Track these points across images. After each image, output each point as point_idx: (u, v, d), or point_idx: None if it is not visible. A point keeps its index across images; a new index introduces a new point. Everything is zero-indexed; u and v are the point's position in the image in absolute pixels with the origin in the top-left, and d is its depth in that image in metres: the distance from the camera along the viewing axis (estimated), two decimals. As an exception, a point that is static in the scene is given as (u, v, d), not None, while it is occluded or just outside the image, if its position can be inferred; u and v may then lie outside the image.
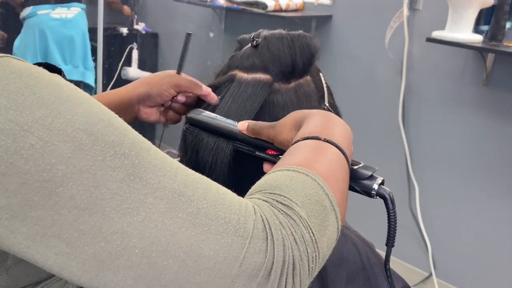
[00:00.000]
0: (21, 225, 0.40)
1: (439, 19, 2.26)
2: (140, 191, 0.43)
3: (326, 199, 0.50)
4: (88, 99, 0.45)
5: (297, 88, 0.73)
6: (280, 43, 0.73)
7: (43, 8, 2.95)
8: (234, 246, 0.44)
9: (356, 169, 0.61)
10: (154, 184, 0.44)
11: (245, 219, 0.45)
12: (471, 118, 2.32)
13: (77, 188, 0.41)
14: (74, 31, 3.03)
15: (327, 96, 0.76)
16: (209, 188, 0.47)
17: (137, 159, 0.44)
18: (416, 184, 2.51)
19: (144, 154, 0.45)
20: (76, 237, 0.41)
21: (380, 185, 0.61)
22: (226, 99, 0.72)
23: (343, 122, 0.62)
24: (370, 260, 0.77)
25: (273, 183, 0.50)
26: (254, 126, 0.67)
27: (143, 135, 0.48)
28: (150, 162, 0.45)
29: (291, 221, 0.46)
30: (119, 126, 0.45)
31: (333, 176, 0.53)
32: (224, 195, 0.47)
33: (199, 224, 0.44)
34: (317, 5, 2.83)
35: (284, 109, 0.72)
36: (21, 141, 0.40)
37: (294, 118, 0.63)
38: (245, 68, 0.73)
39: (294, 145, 0.57)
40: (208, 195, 0.46)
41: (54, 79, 0.44)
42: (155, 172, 0.44)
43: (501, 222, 2.29)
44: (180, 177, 0.45)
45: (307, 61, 0.74)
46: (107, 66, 3.58)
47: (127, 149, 0.44)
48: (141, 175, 0.43)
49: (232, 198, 0.47)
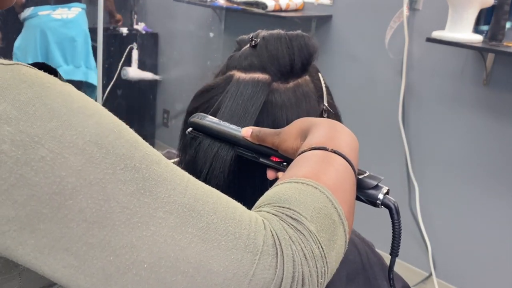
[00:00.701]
0: (29, 237, 0.40)
1: (439, 19, 2.26)
2: (150, 205, 0.43)
3: (334, 213, 0.50)
4: (99, 109, 0.45)
5: (295, 88, 0.73)
6: (278, 43, 0.73)
7: (44, 9, 2.95)
8: (244, 262, 0.44)
9: (361, 178, 0.61)
10: (164, 198, 0.43)
11: (255, 234, 0.45)
12: (471, 118, 2.32)
13: (87, 201, 0.41)
14: (75, 31, 3.04)
15: (326, 96, 0.76)
16: (219, 202, 0.46)
17: (147, 173, 0.43)
18: (416, 184, 2.51)
19: (155, 167, 0.44)
20: (85, 250, 0.41)
21: (385, 195, 0.61)
22: (225, 100, 0.72)
23: (349, 132, 0.62)
24: (370, 260, 0.77)
25: (282, 196, 0.49)
26: (258, 132, 0.66)
27: (143, 135, 0.48)
28: (161, 175, 0.44)
29: (301, 236, 0.46)
30: (129, 138, 0.44)
31: (341, 188, 0.53)
32: (234, 209, 0.46)
33: (209, 240, 0.44)
34: (317, 5, 2.83)
35: (282, 109, 0.71)
36: (32, 153, 0.40)
37: (300, 127, 0.63)
38: (243, 68, 0.73)
39: (301, 156, 0.57)
40: (218, 210, 0.45)
41: (66, 88, 0.44)
42: (166, 185, 0.44)
43: (501, 222, 2.29)
44: (190, 191, 0.45)
45: (305, 60, 0.74)
46: (107, 66, 3.58)
47: (138, 162, 0.43)
48: (151, 188, 0.43)
49: (242, 212, 0.47)
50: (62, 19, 2.98)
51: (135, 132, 0.47)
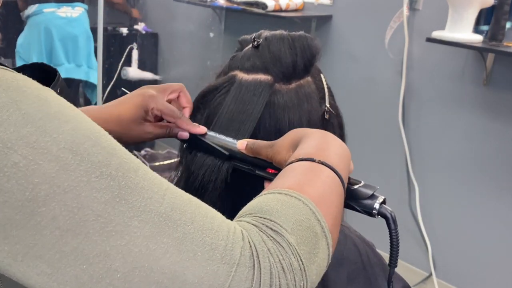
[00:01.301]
0: (2, 243, 0.40)
1: (439, 19, 2.26)
2: (125, 213, 0.42)
3: (317, 225, 0.49)
4: (77, 115, 0.44)
5: (298, 88, 0.73)
6: (281, 43, 0.73)
7: (49, 6, 2.97)
8: (219, 273, 0.43)
9: (356, 188, 0.60)
10: (140, 207, 0.42)
11: (232, 245, 0.44)
12: (471, 118, 2.33)
13: (60, 208, 0.40)
14: (78, 30, 3.06)
15: (328, 96, 0.76)
16: (197, 211, 0.45)
17: (123, 181, 0.43)
18: (416, 184, 2.52)
19: (132, 175, 0.43)
20: (58, 258, 0.41)
21: (382, 204, 0.59)
22: (228, 101, 0.72)
23: (340, 142, 0.61)
24: (371, 260, 0.77)
25: (264, 207, 0.48)
26: (252, 145, 0.66)
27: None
28: (138, 183, 0.43)
29: (280, 248, 0.45)
30: (107, 145, 0.44)
31: (326, 200, 0.52)
32: (212, 219, 0.46)
33: (185, 250, 0.43)
34: (317, 5, 2.83)
35: (284, 110, 0.72)
36: (4, 159, 0.39)
37: (292, 138, 0.62)
38: (245, 69, 0.73)
39: (288, 167, 0.56)
40: (195, 219, 0.44)
41: (42, 93, 0.43)
42: (142, 194, 0.43)
43: (501, 222, 2.29)
44: (168, 200, 0.44)
45: (308, 61, 0.74)
46: (107, 66, 3.58)
47: (114, 170, 0.42)
48: (127, 197, 0.42)
49: (221, 222, 0.46)
50: (66, 17, 3.01)
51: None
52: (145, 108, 0.74)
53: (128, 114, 0.74)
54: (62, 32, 2.99)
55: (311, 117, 0.73)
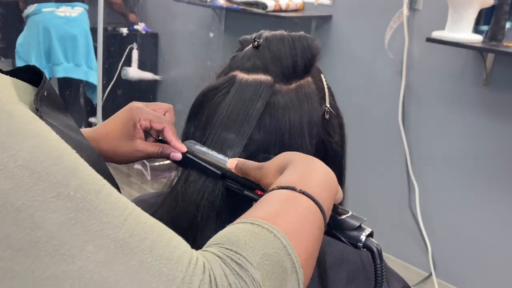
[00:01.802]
0: None
1: (439, 19, 2.26)
2: (80, 237, 0.40)
3: (287, 260, 0.46)
4: (41, 132, 0.43)
5: (298, 89, 0.73)
6: (281, 44, 0.73)
7: (47, 5, 2.98)
8: None
9: (343, 218, 0.59)
10: (96, 231, 0.41)
11: (191, 278, 0.42)
12: (471, 118, 2.33)
13: (13, 227, 0.39)
14: (78, 30, 3.07)
15: (328, 97, 0.76)
16: (159, 239, 0.43)
17: (82, 203, 0.41)
18: (416, 184, 2.52)
19: (92, 197, 0.42)
20: (9, 277, 0.40)
21: (368, 236, 0.58)
22: (228, 101, 0.72)
23: (326, 170, 0.60)
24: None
25: (232, 237, 0.46)
26: (242, 165, 0.65)
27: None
28: (97, 206, 0.41)
29: (242, 283, 0.43)
30: (68, 165, 0.42)
31: (301, 233, 0.49)
32: (174, 248, 0.43)
33: (139, 280, 0.41)
34: (317, 5, 2.83)
35: (285, 110, 0.72)
36: None
37: (280, 162, 0.61)
38: (246, 69, 0.73)
39: (267, 195, 0.54)
40: (155, 248, 0.42)
41: (6, 108, 0.42)
42: (100, 218, 0.41)
43: (501, 222, 2.30)
44: (128, 225, 0.42)
45: (308, 62, 0.74)
46: (107, 66, 3.58)
47: (73, 191, 0.41)
48: (84, 220, 0.40)
49: (183, 253, 0.43)
50: (65, 16, 3.01)
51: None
52: (133, 121, 0.72)
53: (115, 130, 0.73)
54: (61, 32, 3.00)
55: (311, 117, 0.73)
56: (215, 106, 0.74)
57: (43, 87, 0.58)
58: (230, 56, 0.79)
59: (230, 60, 0.77)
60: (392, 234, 2.61)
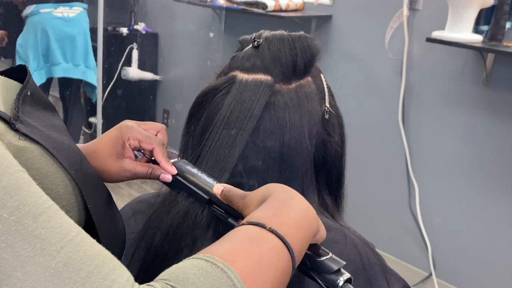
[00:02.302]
0: None
1: (439, 19, 2.26)
2: (8, 262, 0.38)
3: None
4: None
5: (298, 89, 0.73)
6: (281, 43, 0.73)
7: (45, 6, 2.99)
8: None
9: (321, 260, 0.56)
10: (27, 258, 0.39)
11: None
12: (471, 118, 2.33)
13: None
14: (76, 30, 3.07)
15: (328, 97, 0.76)
16: (96, 271, 0.41)
17: (15, 226, 0.39)
18: (416, 184, 2.52)
19: (28, 221, 0.40)
20: None
21: (347, 282, 0.55)
22: (228, 101, 0.72)
23: (306, 208, 0.57)
24: (370, 261, 0.77)
25: (181, 275, 0.43)
26: (227, 192, 0.63)
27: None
28: (32, 231, 0.39)
29: None
30: (8, 185, 0.40)
31: (261, 276, 0.46)
32: (112, 282, 0.41)
33: None
34: (317, 5, 2.83)
35: (285, 110, 0.72)
36: None
37: (262, 194, 0.58)
38: (246, 69, 0.74)
39: (235, 229, 0.51)
40: (89, 281, 0.40)
41: None
42: (34, 244, 0.39)
43: (501, 222, 2.30)
44: (64, 253, 0.40)
45: (308, 61, 0.74)
46: (107, 66, 3.58)
47: (7, 213, 0.39)
48: (15, 244, 0.39)
49: (121, 287, 0.41)
50: (63, 17, 3.02)
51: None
52: (122, 140, 0.70)
53: (104, 148, 0.71)
54: (59, 32, 3.01)
55: (311, 117, 0.73)
56: (215, 106, 0.74)
57: (26, 87, 0.58)
58: (230, 56, 0.79)
59: (230, 60, 0.77)
60: (392, 234, 2.61)
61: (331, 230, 0.76)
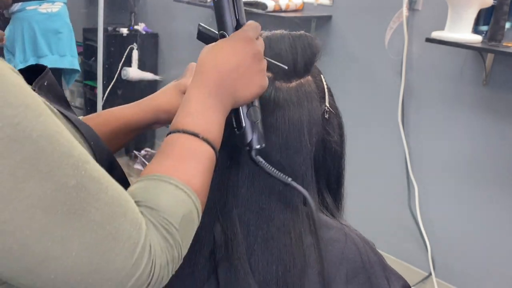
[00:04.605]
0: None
1: (438, 19, 2.27)
2: (84, 199, 0.48)
3: (195, 214, 0.57)
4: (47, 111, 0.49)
5: (298, 87, 0.74)
6: (282, 42, 0.74)
7: (31, 4, 3.15)
8: (128, 265, 0.50)
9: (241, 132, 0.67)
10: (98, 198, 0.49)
11: (138, 243, 0.51)
12: (470, 118, 2.33)
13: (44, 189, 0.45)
14: (59, 23, 3.25)
15: (328, 96, 0.77)
16: (127, 207, 0.52)
17: (83, 171, 0.48)
18: (416, 184, 2.52)
19: (87, 166, 0.49)
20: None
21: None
22: None
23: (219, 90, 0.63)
24: (370, 259, 0.77)
25: (160, 202, 0.55)
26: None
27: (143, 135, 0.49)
28: (91, 174, 0.49)
29: (169, 246, 0.54)
30: (69, 139, 0.49)
31: (206, 186, 0.60)
32: (131, 214, 0.52)
33: (104, 239, 0.49)
34: (317, 5, 2.83)
35: (284, 108, 0.72)
36: None
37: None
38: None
39: (174, 140, 0.61)
40: (127, 214, 0.51)
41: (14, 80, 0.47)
42: (94, 185, 0.49)
43: (501, 222, 2.30)
44: (110, 192, 0.51)
45: (308, 60, 0.74)
46: (107, 66, 3.59)
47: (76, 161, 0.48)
48: (87, 185, 0.48)
49: (134, 221, 0.52)
50: (47, 13, 3.21)
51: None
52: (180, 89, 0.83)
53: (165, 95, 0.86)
54: (44, 27, 3.17)
55: (311, 115, 0.74)
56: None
57: (43, 77, 0.61)
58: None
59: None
60: (391, 234, 2.61)
61: (331, 228, 0.77)
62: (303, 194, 0.69)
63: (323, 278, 0.73)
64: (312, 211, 0.72)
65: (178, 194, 0.56)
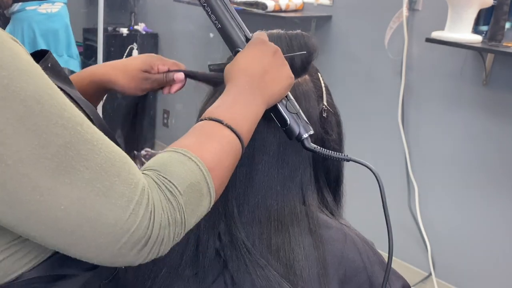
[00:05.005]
0: None
1: (438, 19, 2.27)
2: (74, 158, 0.50)
3: (205, 187, 0.59)
4: (41, 74, 0.53)
5: (295, 87, 0.74)
6: (278, 42, 0.74)
7: (31, 4, 3.17)
8: (129, 220, 0.53)
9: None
10: (84, 156, 0.52)
11: (141, 200, 0.54)
12: (470, 118, 2.33)
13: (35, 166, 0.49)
14: (58, 24, 3.29)
15: (326, 95, 0.77)
16: (122, 167, 0.54)
17: (73, 131, 0.51)
18: (416, 184, 2.52)
19: (79, 128, 0.52)
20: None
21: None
22: None
23: (252, 90, 0.66)
24: (370, 259, 0.77)
25: (168, 168, 0.58)
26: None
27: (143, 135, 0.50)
28: (84, 134, 0.52)
29: (171, 206, 0.56)
30: (60, 101, 0.52)
31: (220, 165, 0.61)
32: (133, 175, 0.55)
33: (108, 196, 0.52)
34: (317, 5, 2.83)
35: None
36: None
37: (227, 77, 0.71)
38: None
39: (198, 125, 0.64)
40: (120, 173, 0.54)
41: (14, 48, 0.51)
42: (86, 145, 0.52)
43: (500, 222, 2.30)
44: (104, 150, 0.54)
45: (305, 59, 0.74)
46: (107, 66, 3.58)
47: (66, 121, 0.51)
48: (76, 146, 0.51)
49: (138, 179, 0.55)
50: (47, 13, 3.26)
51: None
52: (152, 63, 0.92)
53: (134, 64, 0.94)
54: (43, 27, 3.20)
55: (309, 114, 0.74)
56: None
57: (46, 60, 0.66)
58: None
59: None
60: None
61: (331, 228, 0.77)
62: (368, 167, 0.75)
63: (323, 278, 0.73)
64: (311, 211, 0.72)
65: (188, 164, 0.58)
